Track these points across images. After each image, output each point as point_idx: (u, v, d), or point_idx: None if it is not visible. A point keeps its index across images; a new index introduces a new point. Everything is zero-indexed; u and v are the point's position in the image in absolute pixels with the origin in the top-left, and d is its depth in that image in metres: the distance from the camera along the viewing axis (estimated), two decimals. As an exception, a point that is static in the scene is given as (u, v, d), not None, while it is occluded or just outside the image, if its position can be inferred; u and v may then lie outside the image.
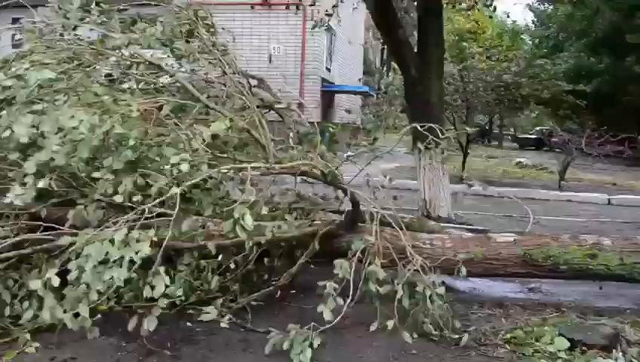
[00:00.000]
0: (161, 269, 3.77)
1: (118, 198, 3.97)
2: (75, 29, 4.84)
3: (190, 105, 4.56)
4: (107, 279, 3.51)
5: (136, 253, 3.54)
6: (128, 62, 4.78)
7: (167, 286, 3.78)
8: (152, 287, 3.73)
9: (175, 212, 3.72)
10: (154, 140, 4.28)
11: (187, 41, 5.04)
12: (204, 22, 5.19)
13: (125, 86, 4.89)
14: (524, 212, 7.71)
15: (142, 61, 4.70)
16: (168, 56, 5.01)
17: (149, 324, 3.75)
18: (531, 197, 12.76)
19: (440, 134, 5.13)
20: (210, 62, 5.09)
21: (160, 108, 4.36)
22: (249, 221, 3.72)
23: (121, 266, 3.51)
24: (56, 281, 3.59)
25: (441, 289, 4.29)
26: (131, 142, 4.00)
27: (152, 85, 4.95)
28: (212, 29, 5.29)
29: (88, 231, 3.76)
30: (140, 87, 4.97)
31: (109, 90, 4.44)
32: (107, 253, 3.53)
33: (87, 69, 4.54)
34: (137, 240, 3.60)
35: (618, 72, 27.52)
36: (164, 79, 4.95)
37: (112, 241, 3.57)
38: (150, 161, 4.33)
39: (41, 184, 3.83)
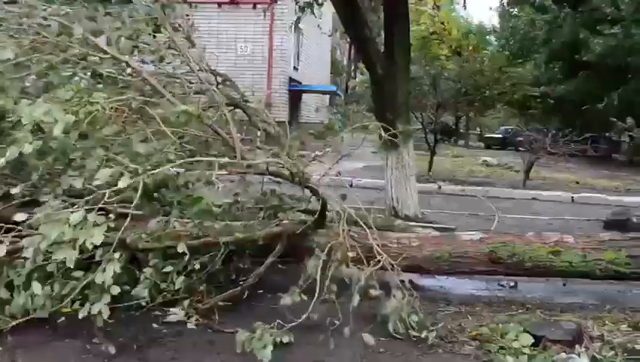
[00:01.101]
0: (116, 256, 3.76)
1: (78, 183, 3.94)
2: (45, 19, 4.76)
3: (154, 103, 4.51)
4: (59, 259, 3.50)
5: (91, 236, 3.53)
6: (93, 56, 4.70)
7: (132, 287, 3.75)
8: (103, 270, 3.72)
9: (134, 204, 3.69)
10: (120, 139, 4.24)
11: (154, 36, 4.99)
12: (171, 18, 5.14)
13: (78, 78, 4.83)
14: (489, 210, 7.81)
15: (108, 56, 4.63)
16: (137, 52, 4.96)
17: (96, 309, 3.73)
18: (497, 195, 12.92)
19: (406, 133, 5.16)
20: (176, 57, 5.04)
21: (129, 106, 4.31)
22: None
23: (74, 249, 3.49)
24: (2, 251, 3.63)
25: (409, 287, 4.32)
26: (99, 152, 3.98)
27: (119, 79, 4.88)
28: (179, 25, 5.24)
29: (45, 208, 3.74)
30: (105, 81, 4.91)
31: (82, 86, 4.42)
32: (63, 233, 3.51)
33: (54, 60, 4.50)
34: (94, 224, 3.57)
35: (577, 84, 28.03)
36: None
37: (68, 223, 3.55)
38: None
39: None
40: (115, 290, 3.85)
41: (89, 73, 4.91)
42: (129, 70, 4.68)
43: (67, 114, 3.83)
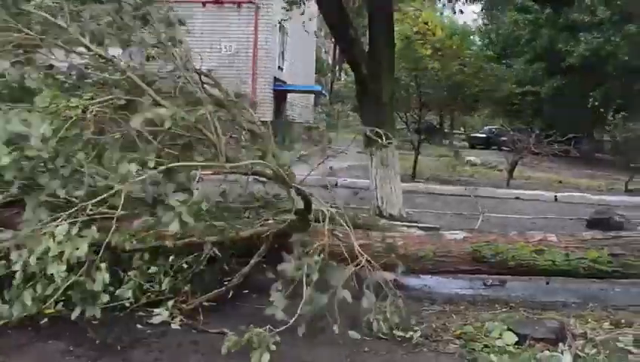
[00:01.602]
0: (103, 266, 3.73)
1: (60, 192, 3.91)
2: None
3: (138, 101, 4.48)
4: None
5: (77, 249, 3.50)
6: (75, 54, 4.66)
7: (116, 288, 3.73)
8: (94, 281, 3.69)
9: (118, 212, 3.68)
10: (102, 141, 4.21)
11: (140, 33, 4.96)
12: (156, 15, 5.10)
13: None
14: (473, 210, 7.85)
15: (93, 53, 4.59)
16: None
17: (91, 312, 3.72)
18: (481, 195, 12.99)
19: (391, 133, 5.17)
20: (161, 55, 5.01)
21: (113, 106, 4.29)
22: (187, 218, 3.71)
23: (61, 261, 3.47)
24: None
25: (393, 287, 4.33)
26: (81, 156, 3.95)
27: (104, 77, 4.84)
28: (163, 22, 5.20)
29: (31, 224, 3.71)
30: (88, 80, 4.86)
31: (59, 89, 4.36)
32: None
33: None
34: (79, 236, 3.55)
35: (560, 84, 28.28)
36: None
37: (53, 237, 3.52)
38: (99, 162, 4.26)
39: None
40: (105, 298, 3.83)
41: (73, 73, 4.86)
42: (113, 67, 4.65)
43: (45, 122, 3.79)
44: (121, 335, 4.09)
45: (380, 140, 5.37)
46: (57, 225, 3.60)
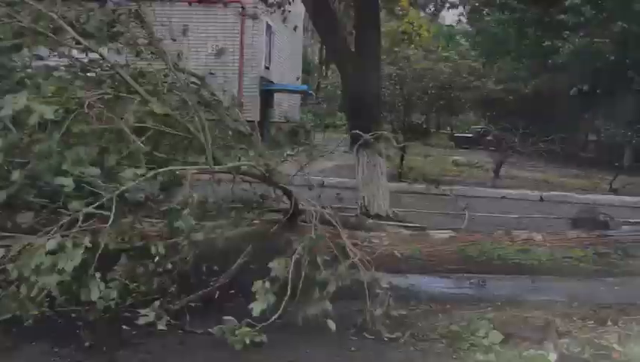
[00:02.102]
0: (97, 275, 3.71)
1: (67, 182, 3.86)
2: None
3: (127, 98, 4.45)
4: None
5: (71, 260, 3.48)
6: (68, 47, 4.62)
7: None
8: (88, 291, 3.66)
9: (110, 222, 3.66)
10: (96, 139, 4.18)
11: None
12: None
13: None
14: (459, 209, 7.88)
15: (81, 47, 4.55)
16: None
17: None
18: (467, 194, 13.02)
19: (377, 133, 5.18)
20: (150, 53, 4.98)
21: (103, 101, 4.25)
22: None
23: (54, 272, 3.44)
24: None
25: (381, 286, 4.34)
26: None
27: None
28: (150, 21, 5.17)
29: (21, 236, 3.67)
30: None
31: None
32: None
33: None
34: (73, 245, 3.52)
35: (546, 83, 28.43)
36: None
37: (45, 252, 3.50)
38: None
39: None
40: (101, 304, 3.83)
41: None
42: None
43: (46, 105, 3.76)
44: (106, 336, 4.07)
45: (366, 140, 5.37)
46: (49, 239, 3.56)
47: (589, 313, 4.94)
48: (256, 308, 3.94)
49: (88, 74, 4.75)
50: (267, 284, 4.03)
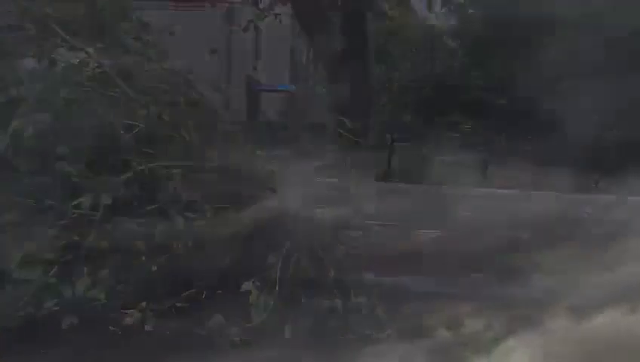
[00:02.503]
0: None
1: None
2: None
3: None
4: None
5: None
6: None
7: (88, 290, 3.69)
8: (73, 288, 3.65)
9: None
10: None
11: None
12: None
13: None
14: (446, 208, 7.90)
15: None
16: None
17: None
18: (453, 194, 13.04)
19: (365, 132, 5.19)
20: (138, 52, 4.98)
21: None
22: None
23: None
24: None
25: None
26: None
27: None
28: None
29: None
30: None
31: None
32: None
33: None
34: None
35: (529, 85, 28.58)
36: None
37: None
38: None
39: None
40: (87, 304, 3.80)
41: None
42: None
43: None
44: (92, 337, 4.04)
45: (354, 139, 5.37)
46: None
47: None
48: (256, 318, 3.94)
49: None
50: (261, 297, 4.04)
